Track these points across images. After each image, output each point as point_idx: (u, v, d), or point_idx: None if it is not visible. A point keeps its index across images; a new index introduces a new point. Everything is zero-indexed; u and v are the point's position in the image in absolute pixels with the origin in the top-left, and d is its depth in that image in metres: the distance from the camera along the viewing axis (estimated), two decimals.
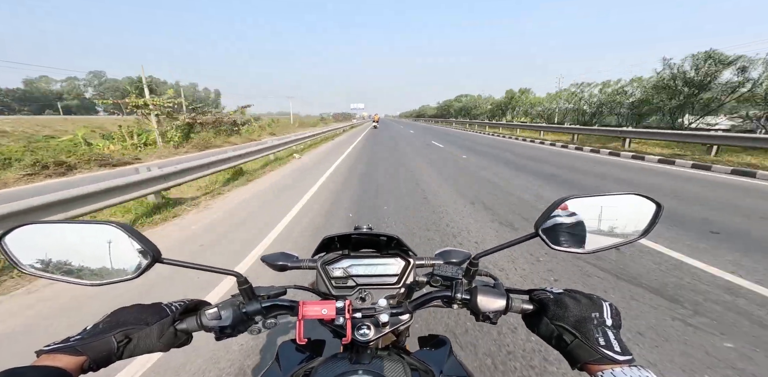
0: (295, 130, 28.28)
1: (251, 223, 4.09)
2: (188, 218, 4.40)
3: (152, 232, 3.85)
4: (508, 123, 24.21)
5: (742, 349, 1.75)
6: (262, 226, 3.94)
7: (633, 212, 0.55)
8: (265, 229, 3.82)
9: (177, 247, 3.38)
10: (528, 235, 0.54)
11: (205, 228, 3.95)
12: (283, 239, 3.53)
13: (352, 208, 4.63)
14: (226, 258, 3.06)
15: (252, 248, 3.27)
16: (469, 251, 0.72)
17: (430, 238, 3.43)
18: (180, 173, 5.02)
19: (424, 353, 0.69)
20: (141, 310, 0.51)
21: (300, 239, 3.51)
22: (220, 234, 3.72)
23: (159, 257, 0.50)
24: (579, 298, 0.51)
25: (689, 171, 7.42)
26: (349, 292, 0.64)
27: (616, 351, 0.43)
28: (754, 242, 3.16)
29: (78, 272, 0.49)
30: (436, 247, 3.16)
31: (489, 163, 8.70)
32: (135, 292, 2.40)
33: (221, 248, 3.35)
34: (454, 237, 3.44)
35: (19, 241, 0.47)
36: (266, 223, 4.04)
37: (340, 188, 5.88)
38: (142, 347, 0.48)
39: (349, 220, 4.10)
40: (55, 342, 0.44)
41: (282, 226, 3.92)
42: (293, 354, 0.68)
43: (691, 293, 2.30)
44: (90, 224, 0.49)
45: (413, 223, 3.91)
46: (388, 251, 0.68)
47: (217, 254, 3.19)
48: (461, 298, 0.56)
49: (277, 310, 0.58)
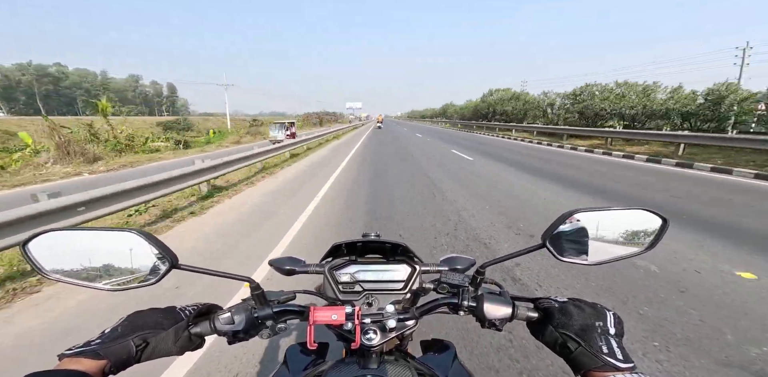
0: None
1: None
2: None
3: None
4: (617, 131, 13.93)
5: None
6: None
7: (639, 226, 0.56)
8: None
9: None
10: (535, 246, 0.55)
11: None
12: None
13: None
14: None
15: None
16: (474, 257, 0.74)
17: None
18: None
19: (429, 358, 0.70)
20: (157, 314, 0.52)
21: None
22: None
23: (176, 264, 0.51)
24: (583, 307, 0.52)
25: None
26: (356, 297, 0.65)
27: (618, 359, 0.44)
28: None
29: (99, 278, 0.50)
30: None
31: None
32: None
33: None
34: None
35: (41, 247, 0.49)
36: None
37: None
38: (159, 351, 0.49)
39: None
40: (77, 346, 0.45)
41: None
42: (300, 358, 0.70)
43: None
44: (111, 231, 0.50)
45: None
46: (394, 257, 0.70)
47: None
48: (468, 305, 0.58)
49: (288, 315, 0.60)
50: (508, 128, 23.16)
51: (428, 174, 7.47)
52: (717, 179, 7.01)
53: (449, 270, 0.69)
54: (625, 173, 7.74)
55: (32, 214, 2.68)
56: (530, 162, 9.53)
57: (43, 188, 6.96)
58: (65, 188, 5.82)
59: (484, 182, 6.59)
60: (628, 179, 6.91)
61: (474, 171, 7.99)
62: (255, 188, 6.43)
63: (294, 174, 8.00)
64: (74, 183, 7.48)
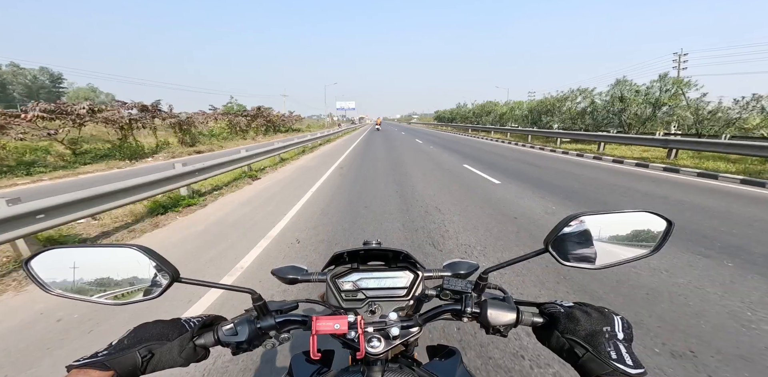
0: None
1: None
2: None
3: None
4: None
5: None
6: None
7: (644, 229, 0.55)
8: None
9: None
10: (538, 251, 0.55)
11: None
12: None
13: None
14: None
15: None
16: (477, 262, 0.73)
17: None
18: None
19: (434, 364, 0.70)
20: (162, 326, 0.53)
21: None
22: None
23: (178, 277, 0.52)
24: (590, 312, 0.51)
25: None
26: (359, 305, 0.65)
27: (628, 365, 0.44)
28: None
29: (101, 293, 0.51)
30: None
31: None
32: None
33: None
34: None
35: (44, 264, 0.49)
36: None
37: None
38: (165, 362, 0.50)
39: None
40: (84, 357, 0.46)
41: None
42: (305, 367, 0.69)
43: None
44: (112, 247, 0.51)
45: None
46: (396, 264, 0.70)
47: None
48: (471, 312, 0.57)
49: (291, 325, 0.60)
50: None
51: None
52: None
53: (452, 276, 0.69)
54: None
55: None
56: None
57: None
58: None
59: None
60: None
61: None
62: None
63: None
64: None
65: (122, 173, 9.68)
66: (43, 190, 7.31)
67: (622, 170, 8.50)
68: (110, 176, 9.29)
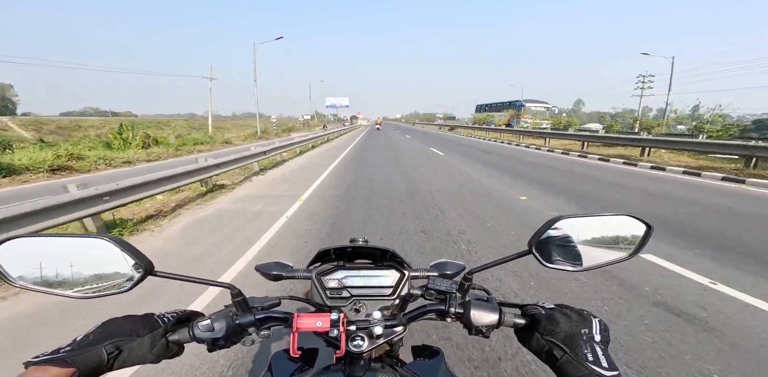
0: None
1: None
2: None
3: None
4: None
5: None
6: None
7: (624, 232, 0.56)
8: None
9: None
10: (521, 252, 0.55)
11: None
12: None
13: None
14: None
15: None
16: (463, 263, 0.73)
17: None
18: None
19: (417, 364, 0.69)
20: (132, 321, 0.51)
21: None
22: None
23: (152, 270, 0.49)
24: (570, 314, 0.52)
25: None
26: (344, 303, 0.64)
27: (603, 367, 0.44)
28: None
29: (69, 286, 0.48)
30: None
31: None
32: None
33: None
34: None
35: (7, 254, 0.46)
36: None
37: None
38: (133, 358, 0.48)
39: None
40: (44, 353, 0.43)
41: None
42: (286, 365, 0.68)
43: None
44: (81, 237, 0.48)
45: None
46: (383, 262, 0.69)
47: None
48: (455, 312, 0.57)
49: (271, 322, 0.58)
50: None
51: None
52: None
53: (438, 276, 0.69)
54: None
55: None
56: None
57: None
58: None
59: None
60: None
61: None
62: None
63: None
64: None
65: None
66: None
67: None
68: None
